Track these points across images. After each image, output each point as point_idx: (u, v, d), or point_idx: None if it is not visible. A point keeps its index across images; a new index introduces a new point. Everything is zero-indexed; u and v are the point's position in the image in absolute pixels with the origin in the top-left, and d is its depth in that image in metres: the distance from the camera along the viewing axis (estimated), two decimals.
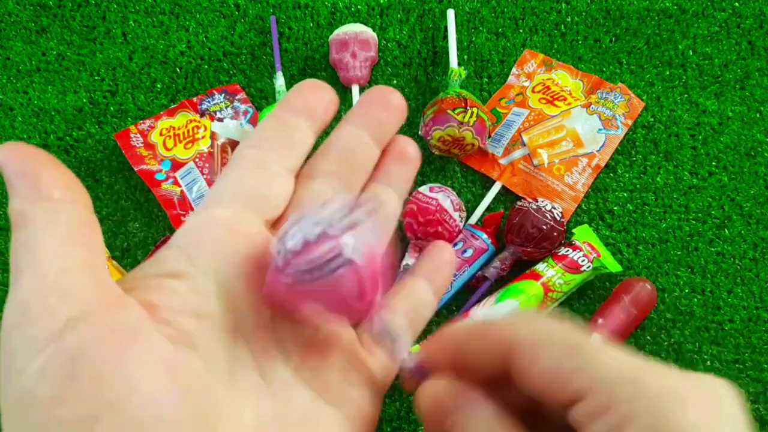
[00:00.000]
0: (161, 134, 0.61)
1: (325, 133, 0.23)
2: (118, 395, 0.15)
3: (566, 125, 0.61)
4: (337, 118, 0.23)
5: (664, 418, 0.15)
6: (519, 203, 0.57)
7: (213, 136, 0.61)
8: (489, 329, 0.19)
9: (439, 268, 0.25)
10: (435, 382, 0.20)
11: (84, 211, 0.18)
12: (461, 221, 0.57)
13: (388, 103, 0.23)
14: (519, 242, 0.55)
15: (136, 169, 0.59)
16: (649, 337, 0.56)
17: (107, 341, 0.16)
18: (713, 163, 0.61)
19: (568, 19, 0.66)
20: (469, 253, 0.56)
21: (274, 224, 0.22)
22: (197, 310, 0.18)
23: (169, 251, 0.19)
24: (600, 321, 0.52)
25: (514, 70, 0.65)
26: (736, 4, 0.67)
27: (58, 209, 0.17)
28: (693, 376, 0.17)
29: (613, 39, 0.66)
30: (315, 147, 0.24)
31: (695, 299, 0.57)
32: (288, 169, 0.22)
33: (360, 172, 0.23)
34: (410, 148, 0.24)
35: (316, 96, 0.23)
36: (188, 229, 0.20)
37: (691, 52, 0.65)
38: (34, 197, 0.17)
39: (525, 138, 0.61)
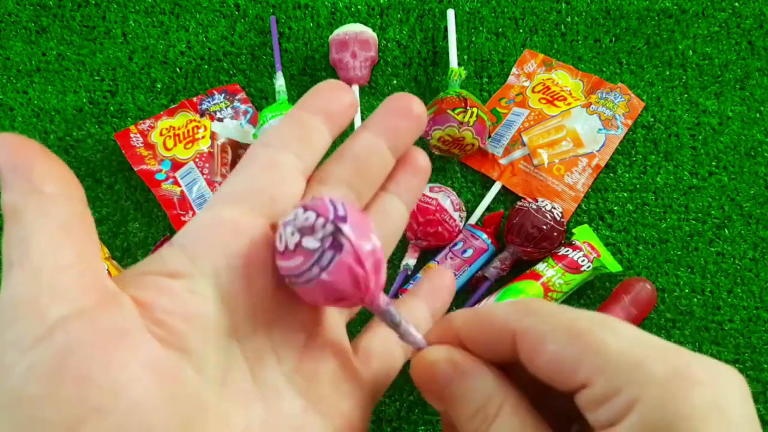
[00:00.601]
0: (161, 134, 0.61)
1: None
2: (105, 399, 0.15)
3: (566, 125, 0.61)
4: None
5: (669, 401, 0.15)
6: (519, 203, 0.57)
7: (213, 136, 0.61)
8: (492, 320, 0.19)
9: (439, 292, 0.26)
10: (434, 348, 0.20)
11: (78, 205, 0.17)
12: (461, 221, 0.57)
13: (409, 112, 0.23)
14: (519, 242, 0.55)
15: (136, 169, 0.59)
16: None
17: (97, 342, 0.15)
18: (713, 163, 0.61)
19: (568, 19, 0.66)
20: (469, 253, 0.56)
21: None
22: (192, 312, 0.18)
23: (171, 249, 0.19)
24: None
25: (514, 70, 0.65)
26: (736, 4, 0.67)
27: (50, 203, 0.17)
28: (701, 360, 0.17)
29: (613, 39, 0.66)
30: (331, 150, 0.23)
31: (695, 299, 0.57)
32: (300, 170, 0.21)
33: (371, 181, 0.23)
34: (421, 159, 0.24)
35: (335, 97, 0.22)
36: (192, 228, 0.20)
37: (691, 52, 0.65)
38: (27, 190, 0.16)
39: (525, 138, 0.61)
